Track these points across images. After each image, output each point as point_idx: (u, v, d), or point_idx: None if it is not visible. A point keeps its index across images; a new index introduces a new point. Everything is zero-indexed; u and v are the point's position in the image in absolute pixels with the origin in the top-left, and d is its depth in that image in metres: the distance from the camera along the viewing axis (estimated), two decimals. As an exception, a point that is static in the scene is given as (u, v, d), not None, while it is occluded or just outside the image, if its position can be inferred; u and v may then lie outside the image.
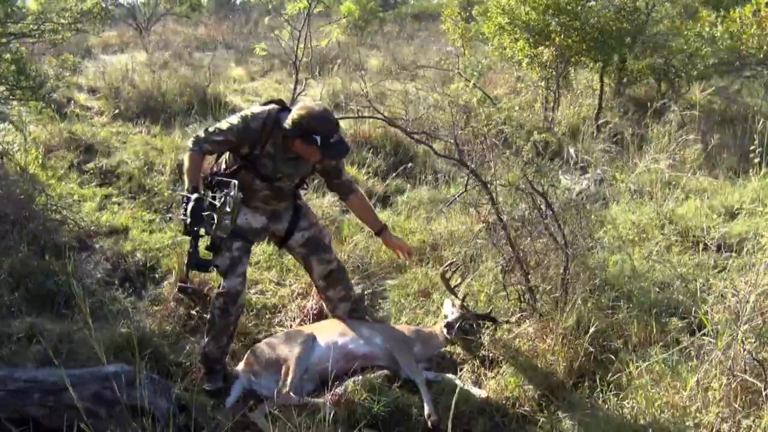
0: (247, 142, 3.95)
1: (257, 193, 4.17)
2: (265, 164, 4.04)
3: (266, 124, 3.93)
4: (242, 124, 3.92)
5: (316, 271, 4.47)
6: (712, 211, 5.97)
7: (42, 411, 3.44)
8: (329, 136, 3.79)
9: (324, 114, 3.83)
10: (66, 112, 8.99)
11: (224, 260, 4.11)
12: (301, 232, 4.40)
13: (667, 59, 9.56)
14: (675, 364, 3.45)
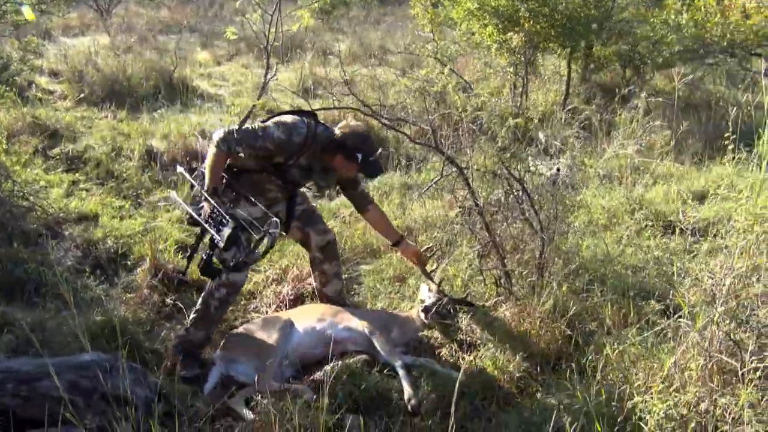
0: (286, 154, 4.01)
1: (266, 192, 4.21)
2: (293, 173, 4.14)
3: (308, 138, 3.99)
4: (285, 136, 3.94)
5: (314, 241, 4.50)
6: (680, 197, 6.08)
7: (16, 401, 3.37)
8: (370, 154, 4.04)
9: (367, 134, 4.16)
10: (28, 96, 8.79)
11: (233, 255, 4.05)
12: (296, 206, 4.45)
13: (632, 46, 9.67)
14: (651, 345, 3.52)
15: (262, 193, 4.18)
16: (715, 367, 3.02)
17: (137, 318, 4.59)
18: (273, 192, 4.24)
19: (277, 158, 4.04)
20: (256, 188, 4.15)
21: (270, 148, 3.96)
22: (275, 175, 4.14)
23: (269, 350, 4.04)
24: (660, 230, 5.53)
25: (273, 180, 4.17)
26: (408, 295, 4.84)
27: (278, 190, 4.24)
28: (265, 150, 3.97)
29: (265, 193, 4.20)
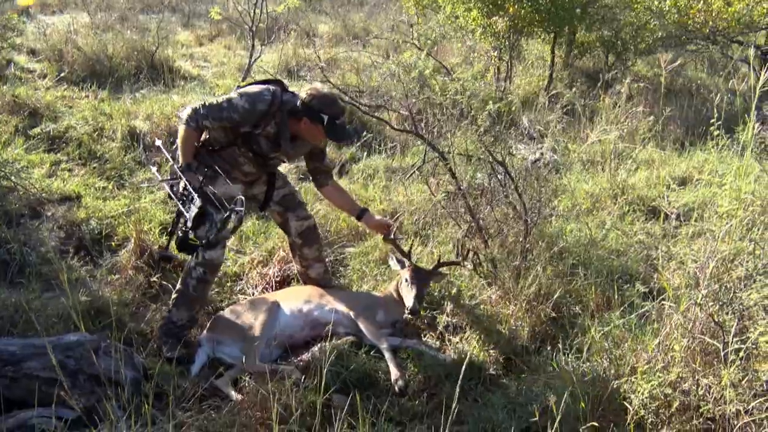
0: (251, 122, 3.99)
1: (240, 166, 4.21)
2: (260, 143, 4.09)
3: (273, 105, 3.97)
4: (249, 105, 3.94)
5: (293, 227, 4.51)
6: (663, 182, 6.15)
7: (2, 382, 3.36)
8: (336, 117, 3.90)
9: (332, 96, 3.97)
10: (7, 74, 8.65)
11: (205, 230, 4.09)
12: (277, 190, 4.44)
13: (615, 32, 9.72)
14: (635, 327, 3.58)
15: (237, 167, 4.18)
16: (698, 348, 3.08)
17: (122, 299, 4.57)
18: (247, 166, 4.21)
19: (244, 128, 4.03)
20: (230, 163, 4.16)
21: (236, 119, 3.97)
22: (245, 147, 4.12)
23: (256, 332, 4.06)
24: (643, 215, 5.59)
25: (244, 152, 4.15)
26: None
27: (252, 164, 4.21)
28: (231, 120, 3.99)
29: (239, 167, 4.19)
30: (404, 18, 11.94)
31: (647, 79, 9.87)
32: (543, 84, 9.33)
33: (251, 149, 4.13)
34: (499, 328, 3.94)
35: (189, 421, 3.33)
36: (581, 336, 3.70)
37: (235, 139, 4.11)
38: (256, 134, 4.06)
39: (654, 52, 9.91)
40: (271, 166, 4.34)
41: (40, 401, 3.18)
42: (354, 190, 6.24)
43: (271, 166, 4.34)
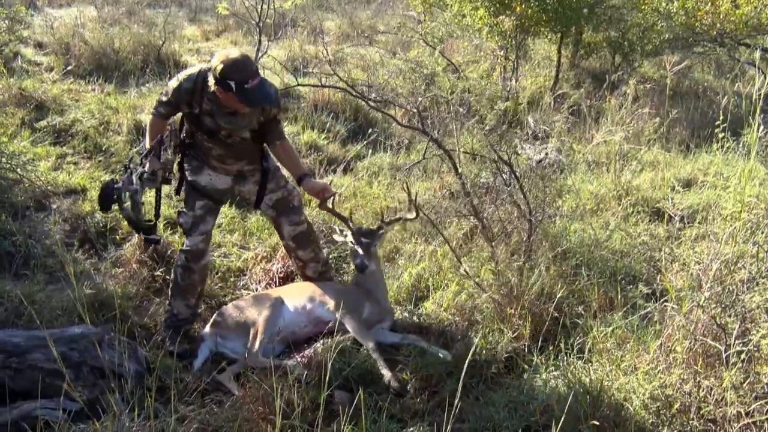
0: (183, 102, 4.03)
1: (210, 151, 4.20)
2: (206, 121, 4.07)
3: (197, 83, 3.97)
4: (176, 85, 4.01)
5: (285, 231, 4.50)
6: (667, 183, 6.14)
7: (7, 373, 3.38)
8: (244, 81, 3.73)
9: (238, 59, 3.77)
10: (13, 67, 8.68)
11: (187, 219, 4.23)
12: (270, 194, 4.41)
13: (622, 33, 9.70)
14: (637, 328, 3.58)
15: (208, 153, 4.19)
16: (700, 350, 3.09)
17: (126, 292, 4.59)
18: (215, 149, 4.17)
19: (183, 109, 4.08)
20: (202, 151, 4.21)
21: (171, 101, 4.05)
22: (200, 131, 4.12)
23: (259, 327, 4.07)
24: (647, 216, 5.59)
25: (204, 137, 4.14)
26: (397, 275, 4.87)
27: (217, 146, 4.16)
28: (171, 104, 4.06)
29: (210, 152, 4.19)
30: (411, 14, 11.94)
31: (653, 80, 9.85)
32: (549, 84, 9.32)
33: (204, 132, 4.11)
34: (502, 327, 3.94)
35: (191, 415, 3.35)
36: (583, 336, 3.70)
37: (192, 126, 4.15)
38: (196, 114, 4.04)
39: (661, 53, 9.88)
40: (233, 145, 4.19)
41: (43, 392, 3.20)
42: (358, 188, 6.25)
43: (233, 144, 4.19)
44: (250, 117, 4.09)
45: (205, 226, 4.26)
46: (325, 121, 7.85)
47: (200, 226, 4.23)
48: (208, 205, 4.27)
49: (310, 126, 7.74)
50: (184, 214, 4.26)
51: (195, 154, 4.26)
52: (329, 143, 7.53)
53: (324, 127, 7.76)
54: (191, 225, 4.23)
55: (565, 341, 3.69)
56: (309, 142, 7.36)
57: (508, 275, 4.24)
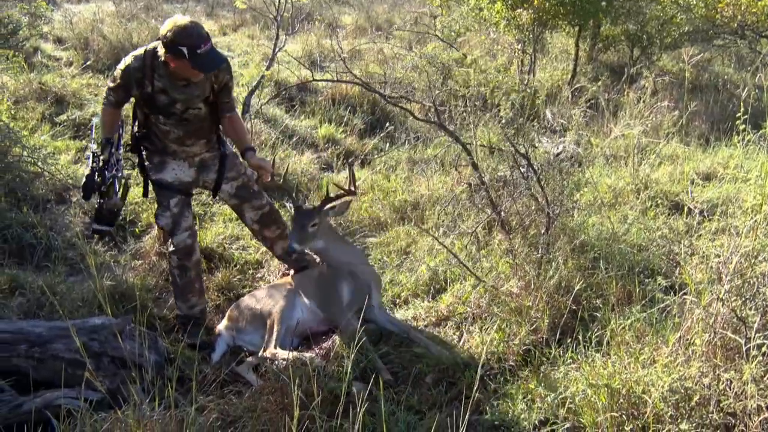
0: (134, 83, 3.94)
1: (168, 135, 4.14)
2: (160, 99, 4.00)
3: (146, 60, 3.92)
4: (124, 68, 3.94)
5: (248, 217, 4.48)
6: (687, 177, 6.10)
7: (29, 362, 3.43)
8: (196, 46, 3.69)
9: (188, 25, 3.73)
10: (33, 62, 8.76)
11: (166, 219, 4.19)
12: (230, 183, 4.40)
13: (641, 26, 9.63)
14: (655, 321, 3.57)
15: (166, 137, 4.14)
16: (719, 343, 3.07)
17: (146, 284, 4.63)
18: (172, 131, 4.12)
19: (134, 91, 3.98)
20: (160, 138, 4.15)
21: (122, 84, 3.96)
22: (154, 113, 4.06)
23: (276, 318, 4.09)
24: (665, 210, 5.55)
25: (159, 120, 4.08)
26: (414, 268, 4.87)
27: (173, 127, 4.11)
28: (121, 88, 3.98)
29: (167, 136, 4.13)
30: (427, 9, 11.92)
31: (672, 74, 9.77)
32: (566, 78, 9.28)
33: (160, 112, 4.04)
34: (519, 320, 3.94)
35: (211, 406, 3.38)
36: (601, 329, 3.68)
37: (145, 110, 4.08)
38: (149, 93, 3.97)
39: (680, 46, 9.80)
40: (190, 121, 4.15)
41: (65, 382, 3.23)
42: (376, 181, 6.26)
43: (190, 120, 4.15)
44: (203, 86, 4.07)
45: (186, 221, 4.23)
46: (342, 115, 7.88)
47: (182, 222, 4.20)
48: (181, 200, 4.23)
49: (327, 120, 7.77)
50: (162, 216, 4.19)
51: (153, 146, 4.18)
52: (346, 137, 7.55)
53: (341, 121, 7.79)
54: (173, 223, 4.18)
55: (583, 334, 3.68)
56: (326, 136, 7.40)
57: (525, 268, 4.23)
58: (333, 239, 4.37)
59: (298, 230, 4.11)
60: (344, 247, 4.48)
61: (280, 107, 8.12)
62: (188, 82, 3.98)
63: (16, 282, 4.35)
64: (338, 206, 4.30)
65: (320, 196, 5.78)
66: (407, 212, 5.66)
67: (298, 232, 4.11)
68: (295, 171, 6.37)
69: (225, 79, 4.16)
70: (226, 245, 5.19)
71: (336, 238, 4.46)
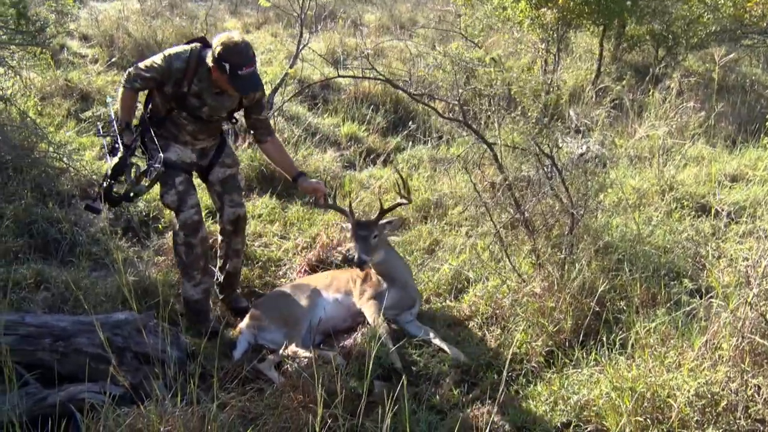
0: (172, 81, 4.00)
1: (185, 127, 4.22)
2: (192, 101, 4.08)
3: (190, 62, 3.98)
4: (165, 65, 3.98)
5: (226, 213, 4.45)
6: (713, 178, 6.02)
7: (53, 356, 3.45)
8: (239, 67, 3.80)
9: (238, 45, 3.83)
10: (60, 59, 8.84)
11: (172, 197, 4.19)
12: (224, 168, 4.43)
13: (666, 25, 9.53)
14: (681, 325, 3.52)
15: (182, 128, 4.21)
16: (748, 348, 3.03)
17: (168, 280, 4.65)
18: (190, 126, 4.20)
19: (167, 88, 4.04)
20: (176, 127, 4.20)
21: (156, 78, 4.00)
22: (180, 110, 4.13)
23: (298, 316, 4.09)
24: (691, 212, 5.48)
25: (183, 116, 4.15)
26: (437, 267, 4.85)
27: (193, 124, 4.20)
28: (154, 81, 4.03)
29: (184, 128, 4.20)
30: (450, 9, 11.87)
31: (698, 74, 9.66)
32: (590, 77, 9.21)
33: (186, 110, 4.12)
34: (543, 321, 3.90)
35: (232, 402, 3.38)
36: (625, 331, 3.65)
37: (171, 104, 4.13)
38: (183, 93, 4.04)
39: (706, 46, 9.70)
40: (209, 126, 4.27)
41: (88, 376, 3.25)
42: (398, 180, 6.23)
43: (209, 124, 4.27)
44: (235, 98, 4.17)
45: (192, 198, 4.22)
46: (365, 113, 7.88)
47: (187, 199, 4.20)
48: (185, 178, 4.24)
49: (350, 118, 7.77)
50: (167, 194, 4.18)
51: (163, 131, 4.22)
52: (369, 135, 7.55)
53: (364, 119, 7.79)
54: (179, 201, 4.18)
55: (606, 336, 3.65)
56: (349, 134, 7.41)
57: (549, 269, 4.20)
58: (390, 252, 4.45)
59: (362, 242, 4.17)
60: (400, 260, 4.53)
61: (303, 105, 8.13)
62: (223, 92, 4.08)
63: (41, 276, 4.38)
64: (394, 222, 4.42)
65: (342, 194, 5.83)
66: (430, 211, 5.64)
67: (362, 244, 4.16)
68: (317, 169, 6.38)
69: (256, 94, 4.24)
70: (248, 243, 5.20)
71: (392, 251, 4.52)
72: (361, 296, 4.27)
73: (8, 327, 3.33)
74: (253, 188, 6.14)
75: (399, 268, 4.41)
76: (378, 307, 4.14)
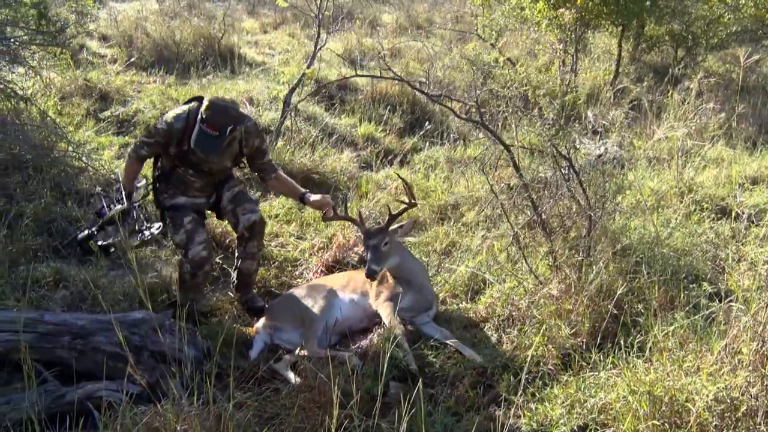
0: (174, 141, 4.18)
1: (193, 184, 4.40)
2: (193, 158, 4.25)
3: (188, 121, 4.16)
4: (167, 126, 4.17)
5: (241, 221, 4.49)
6: (734, 180, 5.96)
7: (71, 354, 3.47)
8: (203, 121, 4.01)
9: (220, 104, 4.06)
10: (79, 59, 8.91)
11: (180, 236, 4.30)
12: (230, 190, 4.53)
13: (686, 26, 9.46)
14: (700, 329, 3.48)
15: (189, 185, 4.39)
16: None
17: (185, 280, 4.67)
18: (197, 182, 4.40)
19: (171, 149, 4.23)
20: (183, 184, 4.38)
21: (161, 141, 4.21)
22: (185, 166, 4.32)
23: (314, 317, 4.10)
24: (710, 214, 5.42)
25: (188, 172, 4.35)
26: (453, 267, 4.84)
27: (198, 179, 4.39)
28: (158, 145, 4.24)
29: (191, 185, 4.40)
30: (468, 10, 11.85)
31: (718, 75, 9.57)
32: (608, 78, 9.15)
33: (190, 166, 4.31)
34: (559, 323, 3.88)
35: (248, 402, 3.39)
36: (643, 335, 3.62)
37: (175, 161, 4.31)
38: (185, 151, 4.22)
39: (727, 47, 9.61)
40: (215, 176, 4.47)
41: (105, 375, 3.27)
42: (415, 181, 6.24)
43: (216, 175, 4.46)
44: (232, 149, 4.34)
45: (200, 236, 4.32)
46: (382, 114, 7.88)
47: (195, 237, 4.28)
48: (195, 218, 4.36)
49: (367, 118, 7.77)
50: (176, 234, 4.31)
51: (171, 185, 4.41)
52: (386, 135, 7.55)
53: (381, 120, 7.79)
54: (187, 239, 4.27)
55: (624, 339, 3.62)
56: (366, 134, 7.41)
57: (566, 271, 4.18)
58: (405, 256, 4.44)
59: (373, 251, 4.17)
60: (416, 263, 4.53)
61: (320, 105, 8.14)
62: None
63: (59, 275, 4.42)
64: (405, 226, 4.43)
65: (359, 195, 5.83)
66: (446, 212, 5.63)
67: (373, 253, 4.16)
68: (334, 169, 6.39)
69: (255, 143, 4.40)
70: (265, 242, 5.22)
71: (407, 254, 4.52)
72: (377, 297, 4.27)
73: (27, 325, 3.36)
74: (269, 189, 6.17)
75: (414, 270, 4.41)
76: (393, 309, 4.12)
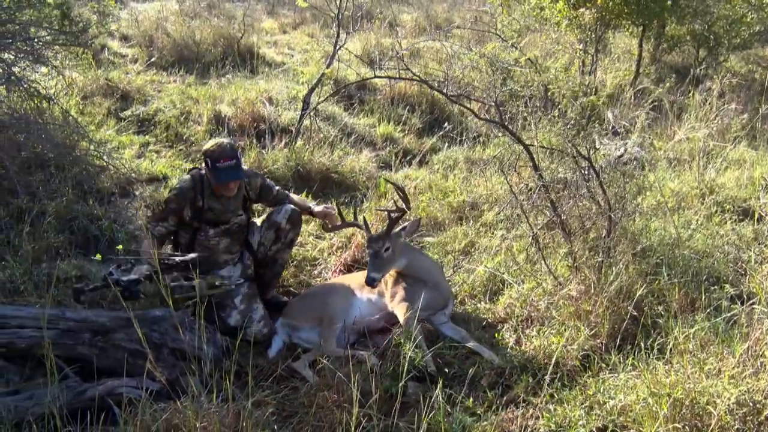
0: (188, 202, 4.26)
1: (218, 246, 4.43)
2: (208, 214, 4.34)
3: (195, 181, 4.28)
4: (178, 192, 4.29)
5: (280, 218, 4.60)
6: (757, 182, 5.89)
7: (92, 351, 3.51)
8: (217, 160, 4.14)
9: (220, 143, 4.22)
10: (101, 59, 8.99)
11: (236, 317, 4.33)
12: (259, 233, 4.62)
13: (708, 25, 9.37)
14: (721, 331, 3.45)
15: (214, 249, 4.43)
16: (791, 356, 2.96)
17: (205, 278, 4.69)
18: (221, 243, 4.45)
19: (186, 213, 4.30)
20: (208, 250, 4.38)
21: (175, 208, 4.29)
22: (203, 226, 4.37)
23: (333, 316, 4.11)
24: (732, 216, 5.37)
25: (209, 232, 4.39)
26: (472, 268, 4.83)
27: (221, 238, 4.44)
28: (173, 211, 4.30)
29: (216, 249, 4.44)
30: (487, 8, 11.81)
31: (741, 75, 9.47)
32: (629, 79, 9.08)
33: (208, 223, 4.36)
34: (579, 324, 3.86)
35: (267, 400, 3.41)
36: (663, 337, 3.59)
37: (193, 223, 4.35)
38: (200, 207, 4.30)
39: (749, 47, 9.51)
40: (234, 229, 4.49)
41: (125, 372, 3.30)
42: (433, 181, 6.24)
43: (233, 228, 4.49)
44: (238, 196, 4.45)
45: (257, 312, 4.35)
46: (401, 114, 7.89)
47: (253, 315, 4.31)
48: (245, 294, 4.38)
49: (386, 118, 7.78)
50: (230, 318, 4.32)
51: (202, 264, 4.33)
52: (405, 135, 7.55)
53: (400, 120, 7.79)
54: (242, 319, 4.29)
55: (644, 341, 3.59)
56: (385, 135, 7.42)
57: (585, 272, 4.15)
58: (413, 255, 4.42)
59: (374, 258, 4.18)
60: (426, 260, 4.53)
61: (339, 105, 8.16)
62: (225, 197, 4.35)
63: (81, 272, 4.47)
64: (409, 226, 4.39)
65: (378, 194, 5.83)
66: (465, 212, 5.62)
67: (373, 260, 4.17)
68: (353, 169, 6.40)
69: (257, 182, 4.58)
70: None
71: (416, 254, 4.50)
72: (392, 299, 4.27)
73: (50, 321, 3.40)
74: (288, 188, 6.18)
75: (426, 268, 4.40)
76: (408, 309, 4.12)
